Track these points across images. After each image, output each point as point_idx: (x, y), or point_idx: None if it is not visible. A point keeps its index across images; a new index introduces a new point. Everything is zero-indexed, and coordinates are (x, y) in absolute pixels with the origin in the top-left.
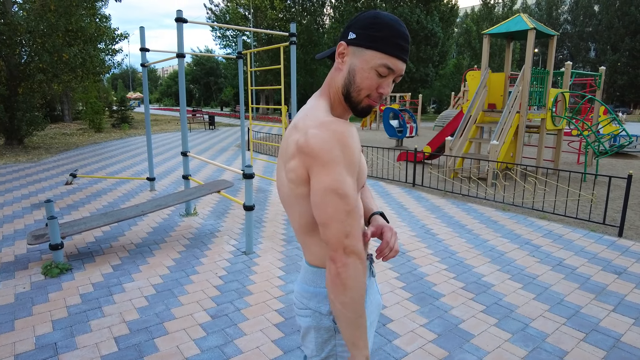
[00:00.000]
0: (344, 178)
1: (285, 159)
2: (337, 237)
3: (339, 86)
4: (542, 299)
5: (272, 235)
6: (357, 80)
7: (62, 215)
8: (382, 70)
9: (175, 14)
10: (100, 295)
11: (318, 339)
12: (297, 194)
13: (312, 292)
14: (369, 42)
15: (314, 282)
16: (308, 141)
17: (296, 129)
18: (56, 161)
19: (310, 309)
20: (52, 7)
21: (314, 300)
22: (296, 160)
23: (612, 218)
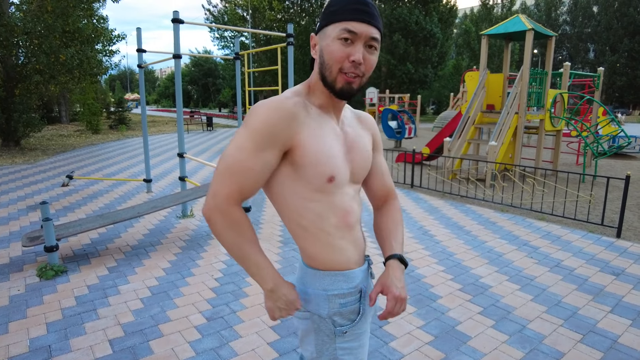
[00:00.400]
0: (241, 142)
1: None
2: (210, 194)
3: (316, 73)
4: (539, 300)
5: (269, 237)
6: (326, 58)
7: (57, 217)
8: (344, 35)
9: (172, 15)
10: (95, 298)
11: (318, 341)
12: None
13: (311, 294)
14: (327, 19)
15: (311, 284)
16: (254, 105)
17: None
18: (53, 163)
19: (310, 311)
20: (49, 8)
21: (312, 302)
22: None
23: (610, 219)
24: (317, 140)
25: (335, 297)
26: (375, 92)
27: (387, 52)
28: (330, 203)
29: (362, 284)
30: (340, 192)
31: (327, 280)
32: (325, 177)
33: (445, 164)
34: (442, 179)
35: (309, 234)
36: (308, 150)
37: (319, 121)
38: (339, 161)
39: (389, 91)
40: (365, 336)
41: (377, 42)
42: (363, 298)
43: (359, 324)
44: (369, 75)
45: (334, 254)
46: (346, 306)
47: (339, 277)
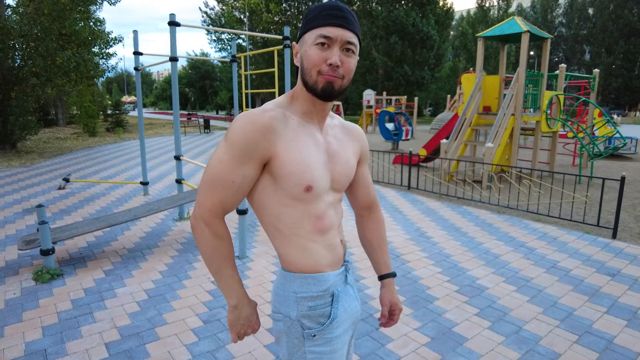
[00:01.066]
0: (221, 155)
1: None
2: (195, 204)
3: (299, 80)
4: (536, 301)
5: (266, 239)
6: (305, 63)
7: (54, 220)
8: (320, 40)
9: (169, 17)
10: (92, 301)
11: (289, 343)
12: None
13: (282, 295)
14: (305, 27)
15: (284, 286)
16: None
17: None
18: (49, 166)
19: (281, 313)
20: (46, 11)
21: (284, 304)
22: None
23: (606, 220)
24: (295, 151)
25: (303, 299)
26: (372, 94)
27: (384, 54)
28: (306, 210)
29: (334, 287)
30: (318, 200)
31: (297, 283)
32: (303, 187)
33: (442, 165)
34: (439, 181)
35: (284, 237)
36: (285, 162)
37: (298, 131)
38: (318, 171)
39: (386, 93)
40: (338, 342)
41: (354, 45)
42: (335, 302)
43: (329, 328)
44: (349, 78)
45: (304, 257)
46: (315, 309)
47: (309, 279)
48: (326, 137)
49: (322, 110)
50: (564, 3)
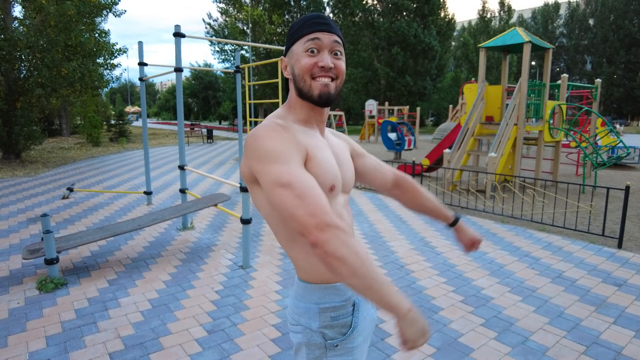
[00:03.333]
0: (278, 168)
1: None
2: (304, 222)
3: (293, 90)
4: (542, 311)
5: (270, 249)
6: (297, 71)
7: (58, 229)
8: (309, 45)
9: (174, 28)
10: (95, 311)
11: (310, 355)
12: (256, 195)
13: (303, 307)
14: (291, 40)
15: (304, 297)
16: (247, 140)
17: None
18: (53, 175)
19: (301, 325)
20: (52, 22)
21: (304, 316)
22: (244, 159)
23: (611, 229)
24: (319, 149)
25: (326, 310)
26: (374, 104)
27: (386, 64)
28: None
29: (354, 296)
30: (334, 202)
31: (319, 294)
32: (328, 186)
33: (445, 175)
34: (442, 190)
35: (303, 246)
36: (315, 161)
37: (309, 134)
38: (336, 170)
39: (388, 103)
40: (358, 351)
41: (340, 46)
42: (356, 311)
43: (351, 337)
44: (342, 79)
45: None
46: (337, 319)
47: (330, 289)
48: (328, 141)
49: (321, 115)
50: (565, 14)
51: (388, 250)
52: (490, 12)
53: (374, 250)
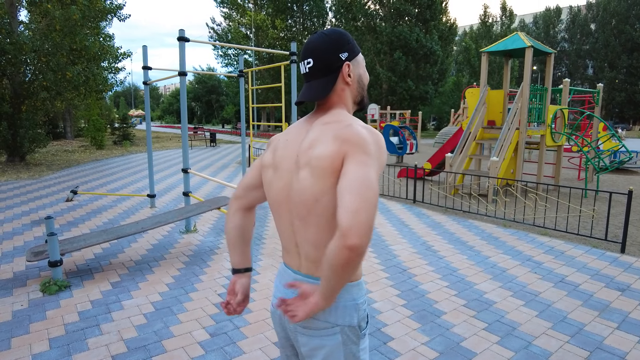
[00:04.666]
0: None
1: (308, 154)
2: (364, 225)
3: (352, 97)
4: (544, 316)
5: (272, 252)
6: (364, 82)
7: (61, 231)
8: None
9: (178, 33)
10: (99, 313)
11: (347, 351)
12: (323, 188)
13: (340, 307)
14: (356, 50)
15: (341, 297)
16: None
17: (326, 125)
18: (57, 178)
19: (339, 325)
20: (58, 27)
21: (342, 315)
22: (331, 147)
23: (614, 234)
24: None
25: (361, 304)
26: (376, 109)
27: (388, 69)
28: None
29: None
30: None
31: (355, 290)
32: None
33: (447, 179)
34: (444, 194)
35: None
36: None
37: None
38: None
39: (390, 107)
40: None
41: None
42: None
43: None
44: None
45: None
46: (366, 310)
47: (361, 284)
48: None
49: None
50: (566, 19)
51: (390, 254)
52: (492, 17)
53: (376, 254)
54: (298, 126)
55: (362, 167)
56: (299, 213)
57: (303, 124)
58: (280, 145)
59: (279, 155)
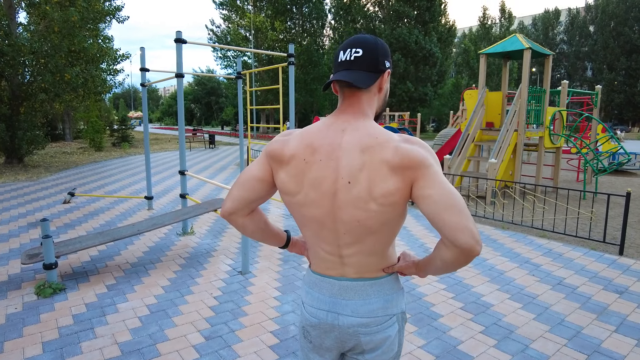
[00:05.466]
0: (444, 177)
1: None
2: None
3: (377, 108)
4: (542, 319)
5: (269, 254)
6: (386, 97)
7: (58, 234)
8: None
9: (175, 35)
10: (93, 316)
11: (400, 336)
12: (394, 215)
13: (395, 297)
14: (391, 66)
15: (393, 288)
16: (406, 154)
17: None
18: (55, 180)
19: (395, 314)
20: (56, 28)
21: (397, 304)
22: (394, 181)
23: (612, 236)
24: None
25: (403, 288)
26: None
27: None
28: None
29: None
30: None
31: (399, 279)
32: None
33: None
34: None
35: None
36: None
37: None
38: None
39: (390, 109)
40: None
41: None
42: None
43: None
44: None
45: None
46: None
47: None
48: None
49: None
50: (565, 21)
51: None
52: (491, 19)
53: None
54: (322, 139)
55: (437, 183)
56: (354, 233)
57: (327, 134)
58: (311, 166)
59: (314, 178)
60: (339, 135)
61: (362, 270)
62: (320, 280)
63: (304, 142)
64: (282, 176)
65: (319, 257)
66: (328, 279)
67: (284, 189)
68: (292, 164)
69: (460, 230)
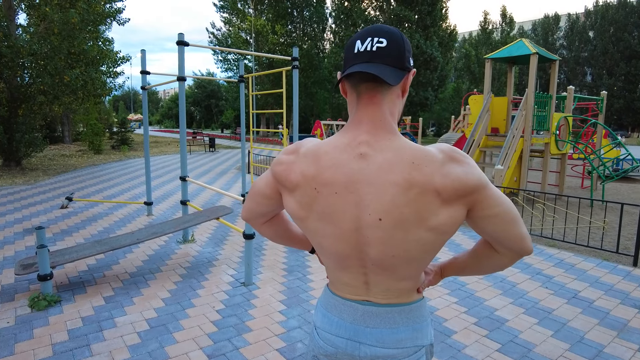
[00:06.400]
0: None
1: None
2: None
3: (399, 112)
4: (560, 336)
5: (273, 264)
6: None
7: (54, 241)
8: None
9: (177, 37)
10: (90, 331)
11: None
12: (444, 240)
13: (423, 326)
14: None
15: (421, 316)
16: (464, 182)
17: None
18: (53, 183)
19: (424, 345)
20: (56, 30)
21: (426, 335)
22: (451, 212)
23: (624, 246)
24: None
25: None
26: None
27: None
28: None
29: None
30: None
31: (426, 306)
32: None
33: None
34: None
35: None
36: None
37: None
38: None
39: None
40: None
41: None
42: None
43: None
44: None
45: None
46: None
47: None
48: None
49: None
50: (565, 26)
51: None
52: (492, 24)
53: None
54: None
55: (498, 199)
56: (386, 264)
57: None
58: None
59: (329, 212)
60: (358, 161)
61: (390, 295)
62: (340, 303)
63: (313, 167)
64: (290, 201)
65: (341, 282)
66: (350, 303)
67: (293, 215)
68: (300, 192)
69: (524, 238)
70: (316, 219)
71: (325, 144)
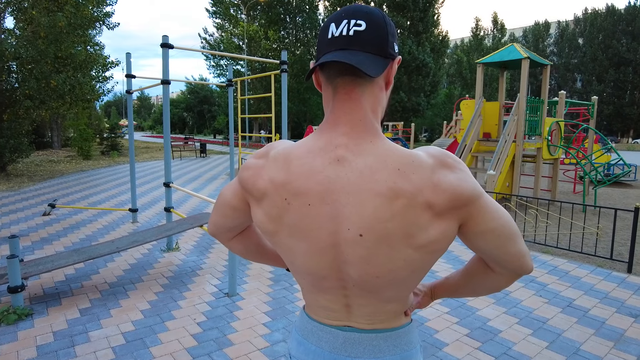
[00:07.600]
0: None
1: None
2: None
3: (382, 108)
4: (556, 347)
5: (258, 274)
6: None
7: (33, 249)
8: None
9: (162, 40)
10: (60, 347)
11: None
12: (435, 258)
13: (414, 353)
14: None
15: (410, 342)
16: (458, 192)
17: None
18: (37, 190)
19: None
20: (43, 34)
21: (418, 348)
22: (444, 226)
23: (618, 252)
24: None
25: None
26: None
27: None
28: None
29: None
30: None
31: (416, 331)
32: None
33: None
34: None
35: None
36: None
37: None
38: None
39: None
40: None
41: None
42: None
43: None
44: None
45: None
46: None
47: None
48: None
49: None
50: (555, 33)
51: None
52: (484, 30)
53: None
54: (309, 173)
55: (494, 212)
56: (370, 285)
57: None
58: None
59: (301, 226)
60: (335, 167)
61: (375, 320)
62: (318, 329)
63: (283, 173)
64: (257, 212)
65: (318, 305)
66: (329, 329)
67: (262, 228)
68: (269, 202)
69: (523, 256)
70: (287, 234)
71: (297, 146)
